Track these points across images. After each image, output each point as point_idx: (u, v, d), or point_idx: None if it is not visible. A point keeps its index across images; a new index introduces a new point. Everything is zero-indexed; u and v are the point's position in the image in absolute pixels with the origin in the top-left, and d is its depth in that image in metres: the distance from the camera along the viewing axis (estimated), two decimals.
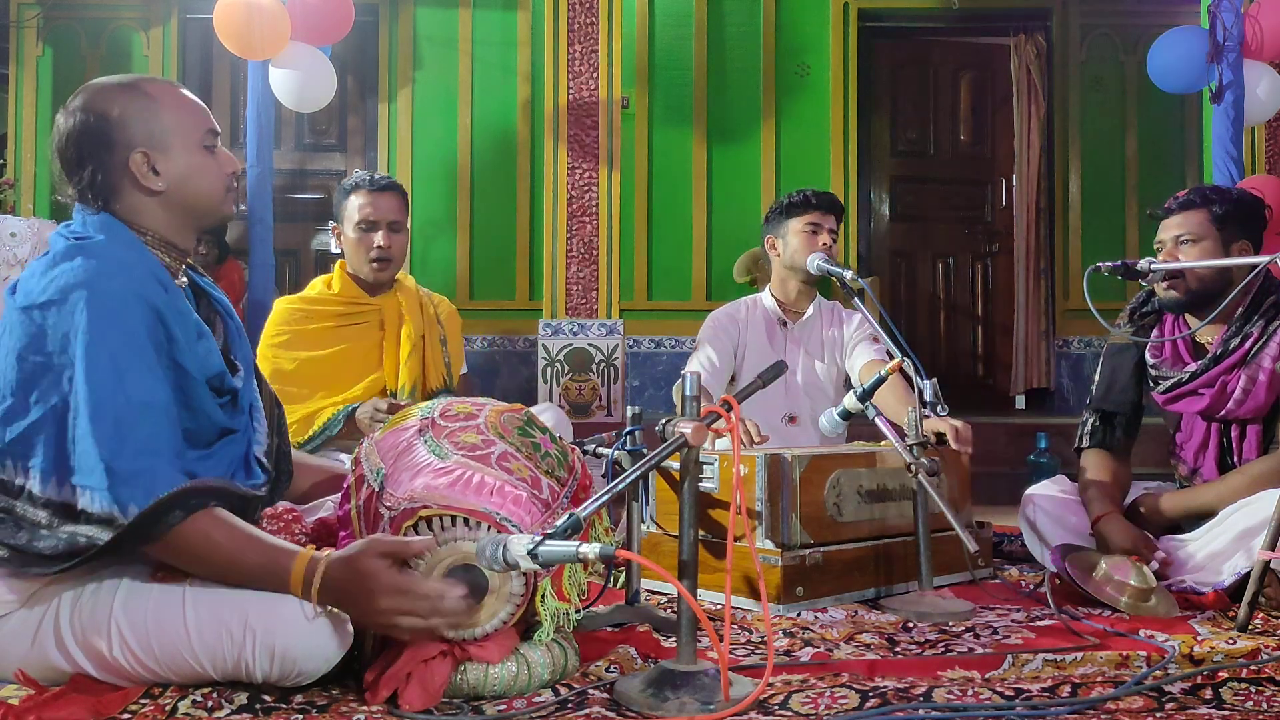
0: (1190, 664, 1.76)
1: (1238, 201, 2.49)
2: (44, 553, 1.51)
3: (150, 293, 1.61)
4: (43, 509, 1.52)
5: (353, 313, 2.89)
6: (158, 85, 1.73)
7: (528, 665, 1.60)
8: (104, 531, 1.50)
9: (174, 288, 1.69)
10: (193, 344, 1.66)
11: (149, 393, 1.56)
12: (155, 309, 1.60)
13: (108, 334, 1.54)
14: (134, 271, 1.62)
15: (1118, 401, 2.64)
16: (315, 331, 2.84)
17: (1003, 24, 6.24)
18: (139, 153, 1.68)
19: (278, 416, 1.95)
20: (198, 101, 1.77)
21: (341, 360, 2.83)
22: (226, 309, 1.88)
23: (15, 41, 5.91)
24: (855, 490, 2.35)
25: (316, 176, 6.15)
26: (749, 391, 1.81)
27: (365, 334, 2.87)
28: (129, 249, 1.66)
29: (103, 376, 1.53)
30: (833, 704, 1.56)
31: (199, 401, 1.66)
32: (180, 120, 1.71)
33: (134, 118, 1.68)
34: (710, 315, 3.18)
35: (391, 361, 2.87)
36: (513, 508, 1.61)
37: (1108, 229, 6.12)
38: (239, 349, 1.86)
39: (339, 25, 4.83)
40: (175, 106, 1.72)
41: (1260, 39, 4.50)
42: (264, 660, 1.50)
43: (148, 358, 1.58)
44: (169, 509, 1.51)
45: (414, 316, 2.91)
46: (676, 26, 5.97)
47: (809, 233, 3.04)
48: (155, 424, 1.56)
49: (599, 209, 5.34)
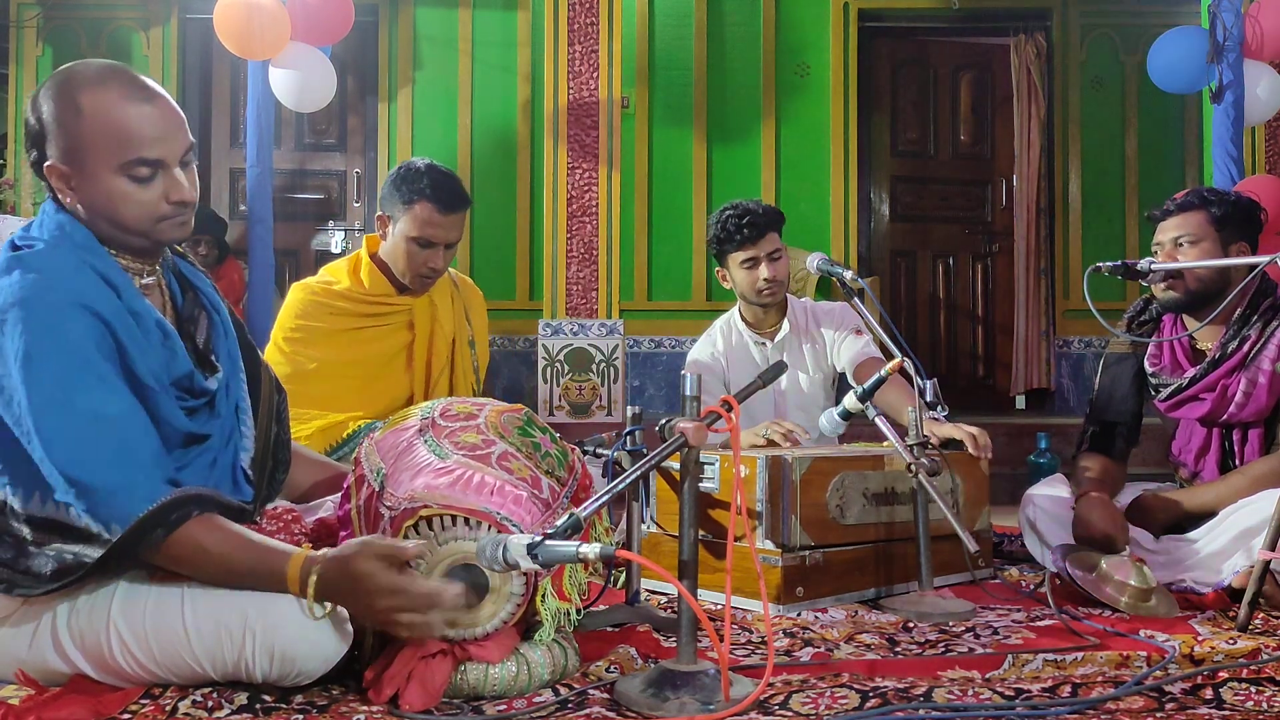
0: (1190, 664, 1.76)
1: (1236, 203, 2.50)
2: (33, 571, 1.50)
3: (95, 299, 1.54)
4: (25, 524, 1.51)
5: (379, 313, 2.69)
6: (100, 95, 1.56)
7: (528, 665, 1.60)
8: (92, 549, 1.48)
9: (131, 289, 1.61)
10: (149, 348, 1.59)
11: (104, 404, 1.51)
12: (100, 317, 1.53)
13: (50, 352, 1.49)
14: (73, 281, 1.54)
15: (1119, 411, 2.64)
16: (338, 330, 2.65)
17: (1003, 24, 6.24)
18: (54, 165, 1.59)
19: (278, 403, 1.89)
20: (142, 123, 1.56)
21: (368, 365, 2.65)
22: (213, 303, 1.80)
23: (15, 41, 5.90)
24: (861, 493, 2.35)
25: (316, 176, 6.15)
26: (749, 391, 1.82)
27: (392, 335, 2.69)
28: (76, 252, 1.57)
29: (50, 396, 1.48)
30: (833, 704, 1.56)
31: (155, 408, 1.58)
32: (103, 143, 1.55)
33: (57, 128, 1.57)
34: (689, 362, 3.10)
35: (421, 369, 2.71)
36: (513, 507, 1.61)
37: (1108, 229, 6.12)
38: (221, 346, 1.77)
39: (339, 25, 4.83)
40: (104, 127, 1.55)
41: (1260, 39, 4.50)
42: (264, 660, 1.50)
43: (98, 369, 1.52)
44: (152, 526, 1.49)
45: (445, 321, 2.73)
46: (676, 26, 5.97)
47: (747, 269, 2.96)
48: (121, 435, 1.51)
49: (599, 209, 5.34)
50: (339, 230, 6.06)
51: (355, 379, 2.66)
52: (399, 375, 2.72)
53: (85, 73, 1.60)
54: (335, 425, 2.58)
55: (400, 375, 2.72)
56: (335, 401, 2.61)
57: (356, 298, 2.68)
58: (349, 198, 6.14)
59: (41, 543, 1.50)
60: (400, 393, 2.71)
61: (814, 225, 5.85)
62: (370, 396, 2.66)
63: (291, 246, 6.00)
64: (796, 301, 3.15)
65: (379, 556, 1.49)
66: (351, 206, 6.13)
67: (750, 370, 2.99)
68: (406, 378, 2.72)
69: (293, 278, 5.87)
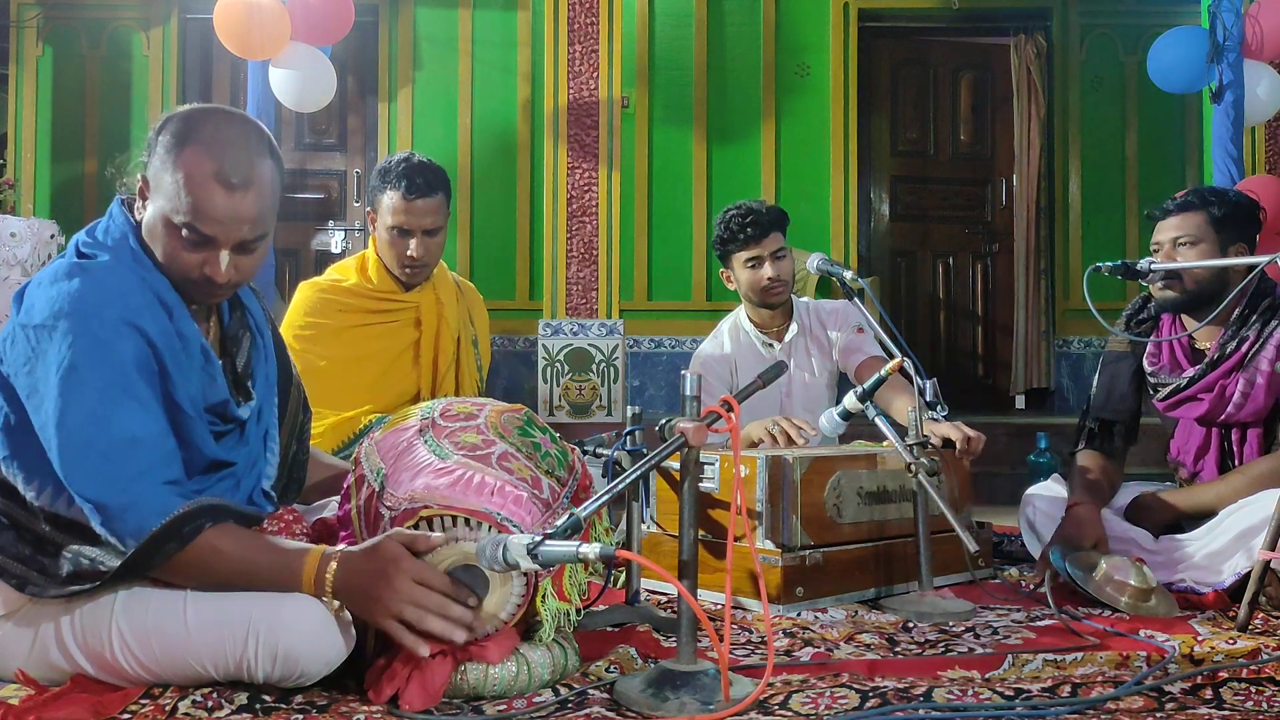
0: (1190, 664, 1.76)
1: (1235, 204, 2.49)
2: (49, 571, 1.51)
3: (146, 321, 1.56)
4: (46, 523, 1.52)
5: (387, 309, 2.74)
6: (199, 162, 1.56)
7: (528, 665, 1.60)
8: (110, 557, 1.50)
9: (182, 309, 1.63)
10: (191, 373, 1.61)
11: (140, 427, 1.52)
12: (148, 339, 1.56)
13: (95, 367, 1.51)
14: (129, 299, 1.56)
15: (1117, 410, 2.64)
16: (347, 327, 2.69)
17: (1003, 24, 6.24)
18: (146, 177, 1.63)
19: (302, 422, 1.92)
20: (215, 206, 1.56)
21: (377, 363, 2.69)
22: (259, 324, 1.82)
23: (15, 41, 5.90)
24: (855, 492, 2.35)
25: (316, 176, 6.15)
26: (749, 391, 1.82)
27: (399, 333, 2.74)
28: (134, 269, 1.60)
29: (88, 410, 1.49)
30: (833, 704, 1.56)
31: (188, 434, 1.60)
32: (177, 197, 1.57)
33: (160, 157, 1.60)
34: (697, 356, 3.10)
35: (428, 365, 2.74)
36: (513, 507, 1.61)
37: (1108, 229, 6.12)
38: (260, 370, 1.79)
39: (339, 25, 4.83)
40: (184, 186, 1.56)
41: (1260, 39, 4.50)
42: (266, 662, 1.50)
43: (137, 391, 1.53)
44: (165, 539, 1.49)
45: (451, 319, 2.77)
46: (676, 26, 5.97)
47: (751, 269, 2.98)
48: (147, 457, 1.52)
49: (599, 209, 5.34)
50: (339, 230, 6.06)
51: (364, 376, 2.69)
52: (406, 371, 2.75)
53: (204, 128, 1.60)
54: (347, 421, 2.62)
55: (408, 371, 2.75)
56: (344, 399, 2.65)
57: (364, 294, 2.73)
58: (349, 198, 6.14)
59: (61, 543, 1.51)
60: (408, 389, 2.75)
61: (814, 225, 5.85)
62: (378, 393, 2.70)
63: (291, 246, 6.01)
64: (800, 301, 3.16)
65: (405, 542, 1.51)
66: (351, 206, 6.13)
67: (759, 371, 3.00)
68: (414, 374, 2.76)
69: (293, 277, 5.89)
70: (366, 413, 2.64)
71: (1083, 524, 2.39)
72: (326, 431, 2.59)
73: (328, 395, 2.62)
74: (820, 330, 3.09)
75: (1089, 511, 2.42)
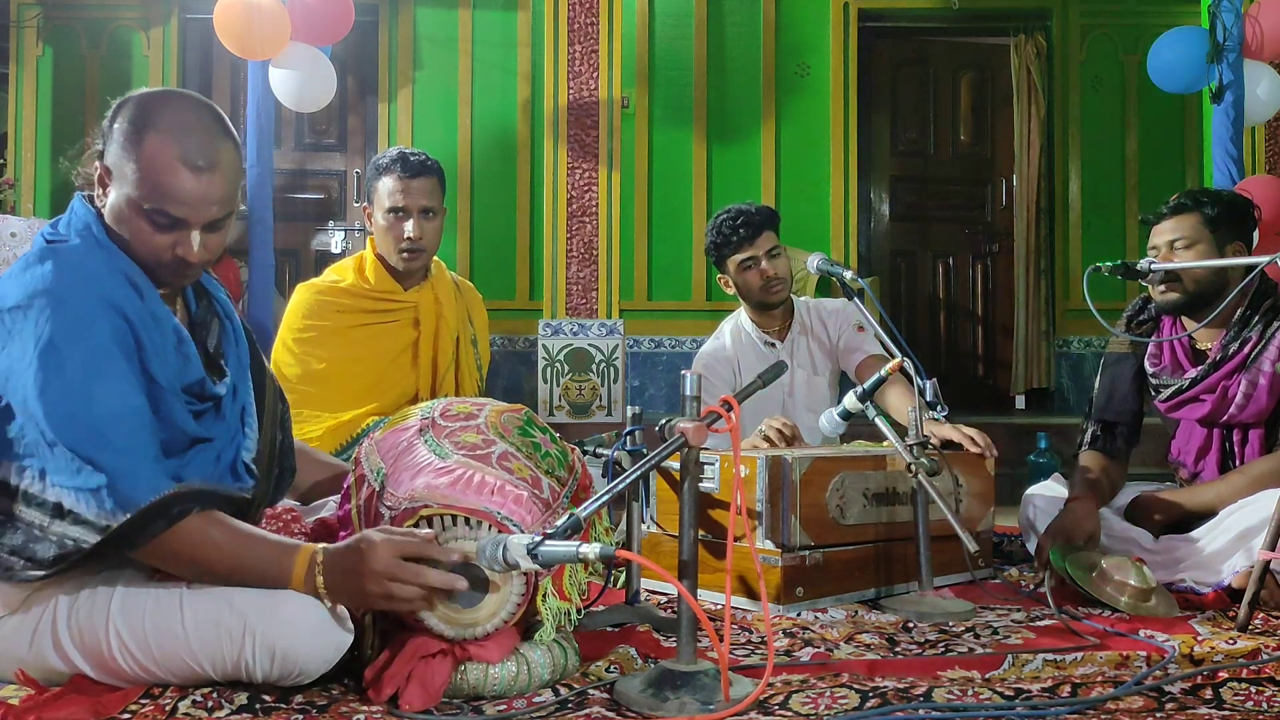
0: (1190, 664, 1.76)
1: (1229, 203, 2.50)
2: (37, 556, 1.50)
3: (122, 300, 1.57)
4: (37, 509, 1.51)
5: (385, 309, 2.73)
6: (162, 146, 1.57)
7: (528, 665, 1.60)
8: (90, 534, 1.48)
9: (153, 293, 1.64)
10: (167, 352, 1.62)
11: (121, 400, 1.53)
12: (125, 317, 1.57)
13: (76, 343, 1.51)
14: (103, 280, 1.57)
15: (1119, 411, 2.64)
16: (345, 328, 2.68)
17: (1003, 24, 6.24)
18: (105, 166, 1.62)
19: (281, 411, 1.92)
20: (182, 188, 1.58)
21: (376, 363, 2.69)
22: (226, 310, 1.84)
23: (15, 41, 5.90)
24: (861, 493, 2.35)
25: (316, 176, 6.15)
26: (749, 391, 1.81)
27: (398, 332, 2.73)
28: (102, 253, 1.61)
29: (70, 384, 1.50)
30: (833, 704, 1.56)
31: (167, 411, 1.61)
32: (143, 182, 1.58)
33: (118, 143, 1.60)
34: (699, 356, 3.10)
35: (427, 365, 2.74)
36: (513, 507, 1.61)
37: (1108, 229, 6.12)
38: (231, 351, 1.81)
39: (339, 25, 4.83)
40: (149, 171, 1.57)
41: (1260, 39, 4.49)
42: (264, 661, 1.50)
43: (118, 366, 1.54)
44: (154, 516, 1.50)
45: (450, 318, 2.76)
46: (676, 26, 5.97)
47: (747, 270, 2.97)
48: (132, 428, 1.53)
49: (599, 209, 5.34)
50: (339, 230, 6.05)
51: (363, 376, 2.68)
52: (405, 371, 2.74)
53: (163, 114, 1.61)
54: (347, 423, 2.61)
55: (407, 372, 2.74)
56: (343, 400, 2.64)
57: (362, 294, 2.72)
58: (349, 198, 6.14)
59: (46, 527, 1.50)
60: (407, 389, 2.73)
61: (814, 225, 5.85)
62: (378, 394, 2.69)
63: (291, 246, 6.00)
64: (800, 301, 3.16)
65: (387, 534, 1.53)
66: (351, 206, 6.13)
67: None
68: (413, 374, 2.75)
69: (293, 278, 5.89)
70: (366, 415, 2.63)
71: (1078, 518, 2.39)
72: (326, 434, 2.58)
73: (327, 396, 2.61)
74: (821, 329, 3.09)
75: (1086, 507, 2.42)
